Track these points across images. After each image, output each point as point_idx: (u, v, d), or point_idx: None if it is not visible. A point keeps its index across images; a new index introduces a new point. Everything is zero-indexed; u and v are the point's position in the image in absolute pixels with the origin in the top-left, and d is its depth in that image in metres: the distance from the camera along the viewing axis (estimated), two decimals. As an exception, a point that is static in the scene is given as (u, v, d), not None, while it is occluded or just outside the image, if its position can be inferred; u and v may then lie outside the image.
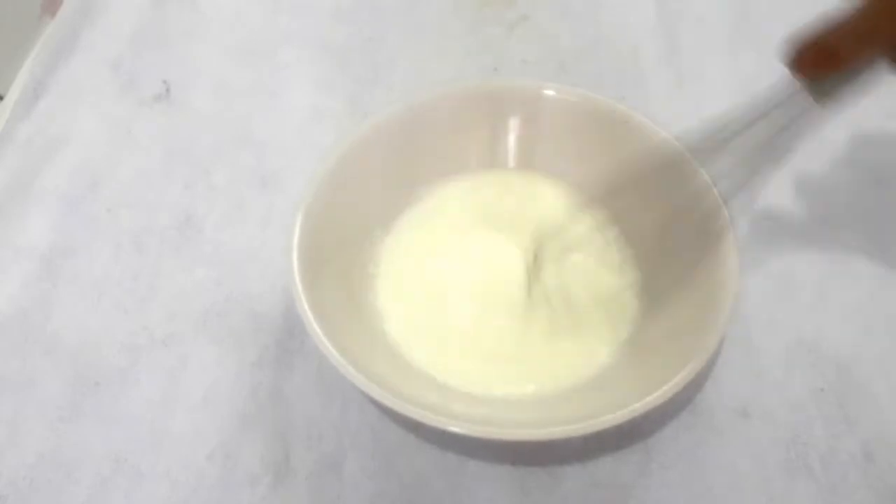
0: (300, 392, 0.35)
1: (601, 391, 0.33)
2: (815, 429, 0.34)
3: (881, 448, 0.33)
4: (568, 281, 0.37)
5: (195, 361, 0.37)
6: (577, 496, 0.32)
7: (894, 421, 0.34)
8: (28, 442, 0.34)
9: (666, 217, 0.36)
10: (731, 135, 0.32)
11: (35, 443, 0.34)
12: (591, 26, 0.51)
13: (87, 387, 0.36)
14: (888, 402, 0.34)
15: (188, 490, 0.33)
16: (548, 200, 0.40)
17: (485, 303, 0.36)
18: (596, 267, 0.37)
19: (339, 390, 0.35)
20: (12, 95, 0.49)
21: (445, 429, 0.29)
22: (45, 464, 0.34)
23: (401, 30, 0.51)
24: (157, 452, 0.34)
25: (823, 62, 0.28)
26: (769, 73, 0.29)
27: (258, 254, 0.40)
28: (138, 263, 0.40)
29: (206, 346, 0.37)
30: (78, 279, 0.40)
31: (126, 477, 0.33)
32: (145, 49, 0.51)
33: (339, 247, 0.36)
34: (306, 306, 0.32)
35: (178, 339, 0.37)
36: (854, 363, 0.35)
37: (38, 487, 0.33)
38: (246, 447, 0.34)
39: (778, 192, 0.41)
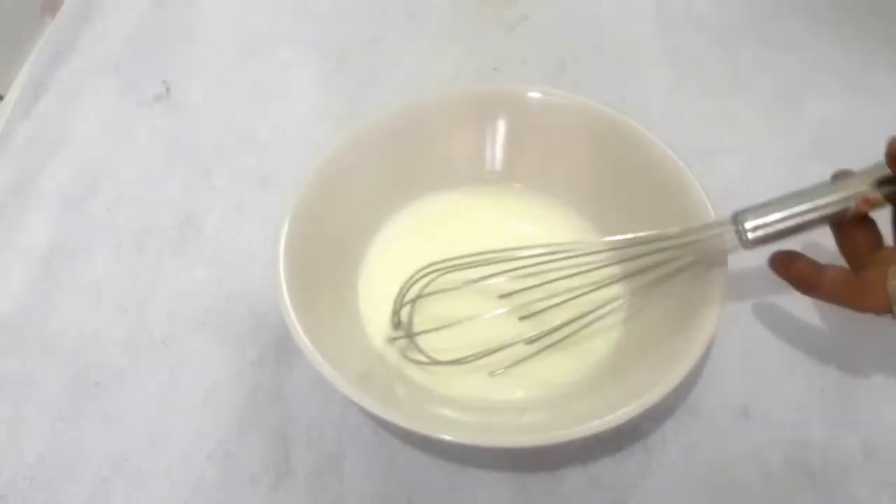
0: (300, 391, 0.35)
1: (595, 395, 0.33)
2: (815, 429, 0.34)
3: (881, 447, 0.33)
4: (557, 286, 0.37)
5: (195, 361, 0.37)
6: (577, 496, 0.32)
7: (894, 420, 0.34)
8: (28, 442, 0.34)
9: (655, 224, 0.36)
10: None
11: (35, 443, 0.34)
12: (591, 26, 0.51)
13: (87, 387, 0.36)
14: (888, 402, 0.34)
15: (188, 490, 0.33)
16: (537, 211, 0.40)
17: (474, 309, 0.36)
18: (586, 271, 0.37)
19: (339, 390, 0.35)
20: (12, 95, 0.49)
21: (445, 439, 0.29)
22: (45, 464, 0.34)
23: (401, 30, 0.51)
24: (157, 452, 0.34)
25: None
26: (769, 72, 0.29)
27: (258, 254, 0.40)
28: (138, 263, 0.40)
29: (206, 346, 0.37)
30: (78, 279, 0.40)
31: (126, 477, 0.33)
32: (145, 49, 0.51)
33: (327, 255, 0.36)
34: (297, 324, 0.31)
35: (178, 339, 0.37)
36: (854, 363, 0.35)
37: (38, 487, 0.33)
38: (246, 447, 0.34)
39: (778, 191, 0.41)
